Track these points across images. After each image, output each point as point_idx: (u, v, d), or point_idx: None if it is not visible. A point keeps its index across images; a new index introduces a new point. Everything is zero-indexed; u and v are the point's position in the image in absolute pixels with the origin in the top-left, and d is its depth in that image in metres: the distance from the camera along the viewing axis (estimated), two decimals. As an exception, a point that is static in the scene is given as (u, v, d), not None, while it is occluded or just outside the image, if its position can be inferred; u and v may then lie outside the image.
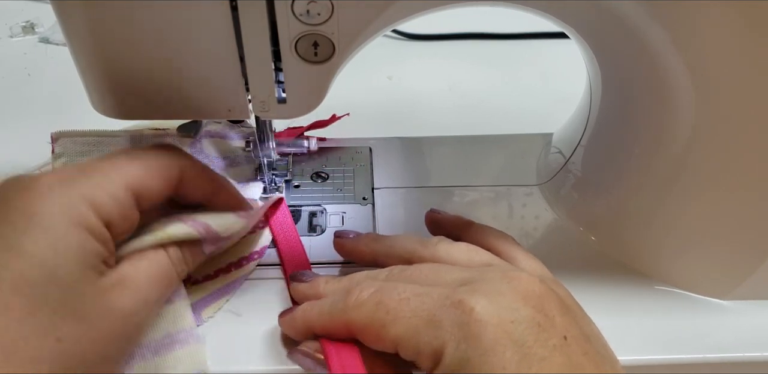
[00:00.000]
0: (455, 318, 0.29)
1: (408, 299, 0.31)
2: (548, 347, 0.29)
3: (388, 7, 0.33)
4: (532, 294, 0.31)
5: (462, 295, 0.30)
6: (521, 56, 0.71)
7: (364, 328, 0.32)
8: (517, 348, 0.28)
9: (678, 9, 0.33)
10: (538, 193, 0.51)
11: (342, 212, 0.48)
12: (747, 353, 0.39)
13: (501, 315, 0.29)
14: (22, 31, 0.71)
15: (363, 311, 0.32)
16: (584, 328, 0.32)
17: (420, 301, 0.31)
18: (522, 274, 0.32)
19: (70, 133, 0.44)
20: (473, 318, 0.29)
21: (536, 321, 0.29)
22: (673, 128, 0.39)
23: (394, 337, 0.30)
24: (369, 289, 0.32)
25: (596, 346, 0.31)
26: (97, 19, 0.32)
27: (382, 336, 0.31)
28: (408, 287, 0.32)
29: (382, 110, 0.62)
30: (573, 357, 0.29)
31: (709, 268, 0.42)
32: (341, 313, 0.33)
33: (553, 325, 0.30)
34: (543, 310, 0.30)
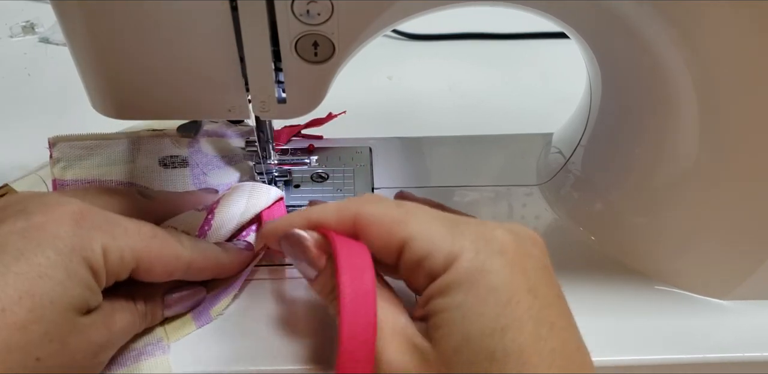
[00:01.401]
0: (479, 232, 0.30)
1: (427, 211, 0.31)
2: (551, 295, 0.30)
3: (388, 7, 0.33)
4: (539, 241, 0.32)
5: (487, 222, 0.31)
6: (521, 56, 0.71)
7: (375, 221, 0.30)
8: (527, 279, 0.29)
9: (678, 9, 0.33)
10: (538, 193, 0.51)
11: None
12: (747, 353, 0.39)
13: (519, 245, 0.30)
14: (22, 31, 0.71)
15: (381, 205, 0.31)
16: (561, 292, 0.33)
17: (441, 215, 0.31)
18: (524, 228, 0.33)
19: (67, 137, 0.44)
20: (497, 236, 0.30)
21: (543, 264, 0.31)
22: (673, 128, 0.39)
23: (406, 234, 0.30)
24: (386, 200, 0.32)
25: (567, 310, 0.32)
26: (97, 19, 0.32)
27: (393, 233, 0.30)
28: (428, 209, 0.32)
29: (382, 110, 0.62)
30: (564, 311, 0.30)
31: (709, 268, 0.42)
32: (353, 205, 0.32)
33: (551, 277, 0.31)
34: (546, 260, 0.31)
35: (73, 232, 0.31)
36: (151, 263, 0.34)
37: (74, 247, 0.31)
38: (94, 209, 0.33)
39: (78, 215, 0.32)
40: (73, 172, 0.44)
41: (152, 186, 0.45)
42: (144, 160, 0.45)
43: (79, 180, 0.44)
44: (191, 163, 0.46)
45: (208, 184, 0.46)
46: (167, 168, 0.45)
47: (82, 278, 0.31)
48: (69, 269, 0.30)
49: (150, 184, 0.45)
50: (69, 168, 0.44)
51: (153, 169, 0.45)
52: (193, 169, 0.46)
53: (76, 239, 0.31)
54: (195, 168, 0.46)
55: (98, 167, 0.44)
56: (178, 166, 0.46)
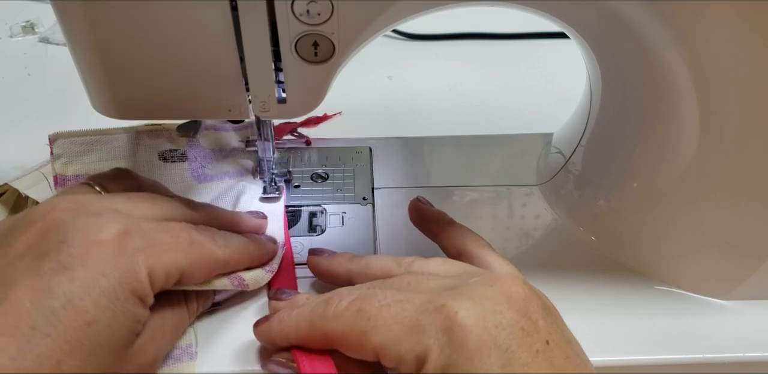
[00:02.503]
0: (439, 323, 0.29)
1: (389, 305, 0.31)
2: (532, 352, 0.29)
3: (388, 7, 0.33)
4: (516, 296, 0.31)
5: (445, 299, 0.30)
6: (521, 56, 0.71)
7: (343, 337, 0.31)
8: (501, 353, 0.28)
9: (679, 9, 0.33)
10: (538, 193, 0.51)
11: (342, 212, 0.48)
12: (747, 353, 0.39)
13: (485, 319, 0.29)
14: (22, 31, 0.71)
15: (342, 319, 0.31)
16: (564, 332, 0.32)
17: (401, 307, 0.30)
18: (505, 277, 0.32)
19: (67, 134, 0.45)
20: (457, 323, 0.29)
21: (520, 326, 0.29)
22: (673, 128, 0.39)
23: (375, 345, 0.30)
24: (349, 297, 0.32)
25: (576, 349, 0.31)
26: (97, 19, 0.32)
27: (363, 344, 0.30)
28: (388, 293, 0.32)
29: (382, 110, 0.62)
30: (555, 361, 0.29)
31: (709, 268, 0.42)
32: (320, 322, 0.32)
33: (536, 329, 0.30)
34: (527, 314, 0.30)
35: (116, 264, 0.31)
36: (192, 272, 0.34)
37: (121, 282, 0.30)
38: (133, 226, 0.33)
39: (118, 242, 0.31)
40: (74, 167, 0.44)
41: None
42: (144, 154, 0.46)
43: (80, 175, 0.44)
44: (190, 157, 0.46)
45: (207, 177, 0.47)
46: (167, 162, 0.46)
47: (131, 312, 0.31)
48: (117, 308, 0.30)
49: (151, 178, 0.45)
50: (70, 164, 0.44)
51: (153, 163, 0.46)
52: (192, 163, 0.46)
53: (122, 273, 0.31)
54: (194, 162, 0.46)
55: (99, 162, 0.45)
56: (178, 160, 0.46)
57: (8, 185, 0.44)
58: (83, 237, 0.31)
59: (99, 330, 0.29)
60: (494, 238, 0.47)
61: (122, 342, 0.31)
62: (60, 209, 0.33)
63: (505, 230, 0.48)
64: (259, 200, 0.46)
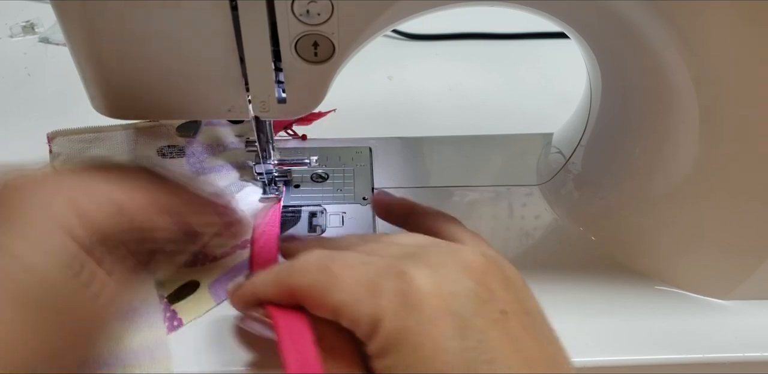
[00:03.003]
0: (396, 287, 0.29)
1: (353, 266, 0.31)
2: (487, 320, 0.29)
3: (389, 7, 0.32)
4: (474, 265, 0.31)
5: (405, 265, 0.30)
6: (521, 56, 0.71)
7: (306, 292, 0.31)
8: (456, 320, 0.28)
9: (678, 9, 0.33)
10: (538, 193, 0.51)
11: (342, 212, 0.48)
12: (747, 353, 0.39)
13: (441, 286, 0.29)
14: (22, 31, 0.71)
15: (307, 274, 0.31)
16: (525, 303, 0.31)
17: (364, 269, 0.31)
18: (465, 247, 0.32)
19: (65, 132, 0.45)
20: (413, 288, 0.29)
21: (476, 293, 0.29)
22: (673, 128, 0.39)
23: (334, 302, 0.30)
24: (317, 254, 0.32)
25: (537, 322, 0.31)
26: (97, 20, 0.32)
27: (324, 301, 0.30)
28: (355, 255, 0.32)
29: (382, 110, 0.62)
30: (511, 331, 0.29)
31: (709, 268, 0.42)
32: (287, 277, 0.32)
33: (493, 298, 0.30)
34: (484, 283, 0.30)
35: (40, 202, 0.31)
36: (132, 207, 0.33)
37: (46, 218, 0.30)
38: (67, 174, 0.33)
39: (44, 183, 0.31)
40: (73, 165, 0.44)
41: None
42: (142, 150, 0.46)
43: None
44: (188, 152, 0.47)
45: (206, 170, 0.47)
46: (165, 158, 0.46)
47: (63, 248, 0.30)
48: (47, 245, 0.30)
49: None
50: (69, 162, 0.45)
51: (152, 159, 0.46)
52: (190, 158, 0.47)
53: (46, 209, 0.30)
54: (192, 157, 0.47)
55: None
56: (176, 156, 0.47)
57: None
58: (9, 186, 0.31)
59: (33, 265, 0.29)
60: (494, 238, 0.47)
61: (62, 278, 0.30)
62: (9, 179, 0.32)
63: (505, 230, 0.48)
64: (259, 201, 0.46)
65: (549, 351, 0.30)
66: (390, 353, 0.28)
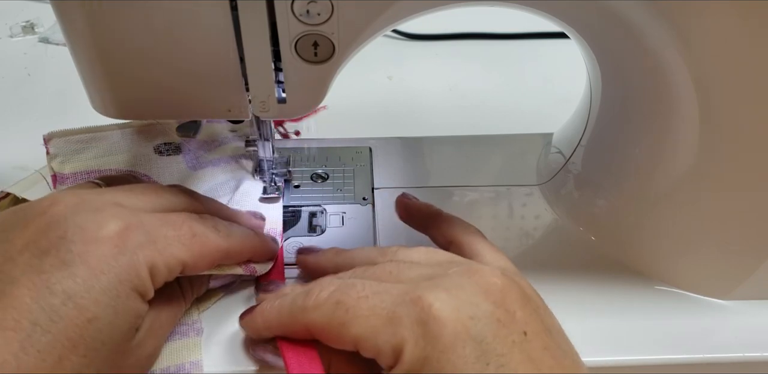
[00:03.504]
0: (414, 315, 0.29)
1: (367, 297, 0.31)
2: (507, 343, 0.29)
3: (389, 7, 0.32)
4: (493, 288, 0.30)
5: (421, 291, 0.30)
6: (521, 56, 0.71)
7: (323, 328, 0.31)
8: (476, 345, 0.28)
9: (678, 9, 0.33)
10: (538, 193, 0.51)
11: (342, 212, 0.48)
12: (747, 353, 0.39)
13: (460, 311, 0.29)
14: (22, 31, 0.71)
15: (322, 311, 0.31)
16: (546, 322, 0.31)
17: (379, 299, 0.30)
18: (484, 268, 0.32)
19: (61, 133, 0.45)
20: (432, 315, 0.29)
21: (496, 317, 0.29)
22: (673, 128, 0.39)
23: (353, 336, 0.30)
24: (329, 288, 0.32)
25: (557, 340, 0.31)
26: (97, 19, 0.32)
27: (342, 336, 0.30)
28: (367, 284, 0.32)
29: (382, 110, 0.62)
30: (532, 352, 0.29)
31: (709, 268, 0.42)
32: (301, 313, 0.32)
33: (513, 320, 0.30)
34: (504, 305, 0.30)
35: (116, 261, 0.31)
36: (195, 264, 0.34)
37: (121, 280, 0.31)
38: (134, 222, 0.32)
39: (118, 239, 0.31)
40: (71, 166, 0.45)
41: (149, 174, 0.46)
42: (139, 149, 0.46)
43: (78, 173, 0.44)
44: (184, 150, 0.47)
45: (202, 164, 0.47)
46: (162, 155, 0.46)
47: (132, 309, 0.31)
48: (117, 306, 0.30)
49: (147, 171, 0.46)
50: (67, 162, 0.45)
51: (149, 157, 0.46)
52: (186, 155, 0.47)
53: (122, 270, 0.31)
54: (188, 154, 0.47)
55: (95, 158, 0.45)
56: (173, 153, 0.47)
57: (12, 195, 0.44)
58: (83, 234, 0.31)
59: (100, 326, 0.30)
60: (494, 238, 0.46)
61: (123, 337, 0.31)
62: (61, 204, 0.32)
63: (505, 230, 0.48)
64: (259, 201, 0.46)
65: (569, 367, 0.30)
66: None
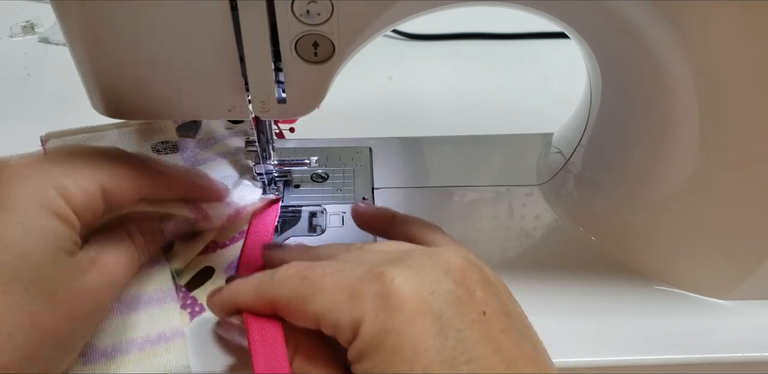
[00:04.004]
0: (376, 290, 0.29)
1: (332, 274, 0.31)
2: (467, 320, 0.29)
3: (389, 7, 0.33)
4: (453, 267, 0.31)
5: (384, 268, 0.30)
6: (521, 56, 0.71)
7: (287, 303, 0.31)
8: (436, 320, 0.28)
9: (678, 9, 0.33)
10: (538, 193, 0.51)
11: (342, 212, 0.48)
12: (747, 353, 0.39)
13: (421, 287, 0.29)
14: (22, 31, 0.71)
15: (287, 285, 0.32)
16: (507, 306, 0.31)
17: (343, 276, 0.31)
18: (445, 250, 0.32)
19: (58, 133, 0.46)
20: (393, 289, 0.29)
21: (456, 295, 0.29)
22: (673, 128, 0.39)
23: (315, 311, 0.30)
24: (296, 267, 0.32)
25: (517, 324, 0.31)
26: (97, 19, 0.32)
27: (304, 310, 0.31)
28: (334, 264, 0.32)
29: (382, 110, 0.62)
30: (491, 332, 0.29)
31: (709, 268, 0.42)
32: (267, 288, 0.32)
33: (472, 300, 0.30)
34: (464, 284, 0.30)
35: (22, 185, 0.31)
36: (115, 186, 0.34)
37: (28, 199, 0.31)
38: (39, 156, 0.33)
39: (23, 167, 0.32)
40: None
41: None
42: (137, 148, 0.47)
43: None
44: (181, 148, 0.47)
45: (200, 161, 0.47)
46: (160, 154, 0.46)
47: (48, 228, 0.31)
48: (29, 224, 0.30)
49: None
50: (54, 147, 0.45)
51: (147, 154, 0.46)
52: (183, 153, 0.47)
53: (28, 191, 0.31)
54: (185, 152, 0.47)
55: None
56: (170, 151, 0.47)
57: None
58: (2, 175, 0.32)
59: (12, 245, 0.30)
60: (494, 238, 0.47)
61: (44, 256, 0.31)
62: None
63: (505, 230, 0.48)
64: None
65: (530, 352, 0.30)
66: (370, 355, 0.28)
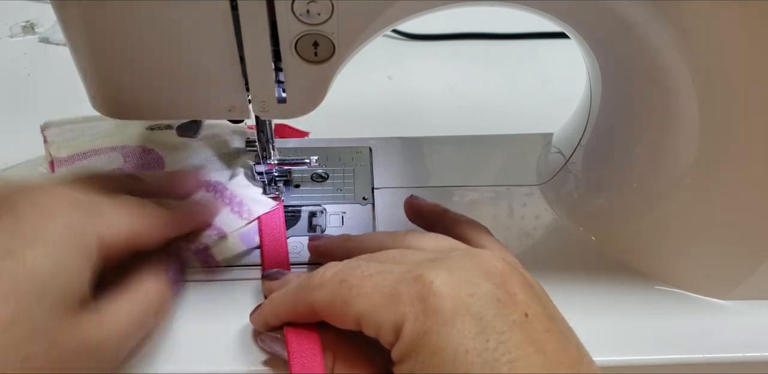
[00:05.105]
0: (415, 292, 0.29)
1: (371, 275, 0.31)
2: (508, 322, 0.29)
3: (389, 7, 0.33)
4: (494, 270, 0.31)
5: (423, 270, 0.30)
6: (521, 56, 0.71)
7: (327, 307, 0.31)
8: (476, 321, 0.28)
9: (678, 9, 0.33)
10: (538, 193, 0.51)
11: (342, 212, 0.48)
12: (747, 353, 0.39)
13: (460, 289, 0.29)
14: (22, 31, 0.71)
15: (326, 289, 0.32)
16: (548, 308, 0.31)
17: (382, 278, 0.31)
18: (485, 252, 0.32)
19: (58, 122, 0.47)
20: (432, 291, 0.29)
21: (496, 297, 0.29)
22: (673, 128, 0.39)
23: (356, 313, 0.30)
24: (333, 269, 0.32)
25: (560, 326, 0.31)
26: (97, 19, 0.32)
27: (345, 313, 0.31)
28: (371, 265, 0.32)
29: (382, 110, 0.62)
30: (533, 333, 0.29)
31: (709, 268, 0.42)
32: (305, 293, 0.32)
33: (514, 302, 0.30)
34: (504, 286, 0.30)
35: (63, 224, 0.31)
36: (143, 231, 0.35)
37: (65, 237, 0.31)
38: (80, 195, 0.33)
39: (68, 207, 0.32)
40: (68, 150, 0.46)
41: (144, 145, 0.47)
42: (133, 129, 0.48)
43: (75, 155, 0.46)
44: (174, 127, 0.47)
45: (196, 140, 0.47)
46: (154, 130, 0.47)
47: (76, 268, 0.31)
48: (57, 262, 0.30)
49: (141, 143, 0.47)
50: (63, 148, 0.46)
51: (143, 134, 0.47)
52: None
53: (69, 231, 0.31)
54: None
55: (92, 141, 0.47)
56: (165, 128, 0.48)
57: None
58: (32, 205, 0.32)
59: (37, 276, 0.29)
60: (494, 238, 0.47)
61: (62, 298, 0.30)
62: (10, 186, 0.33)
63: (505, 230, 0.48)
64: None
65: (573, 354, 0.30)
66: (412, 357, 0.29)
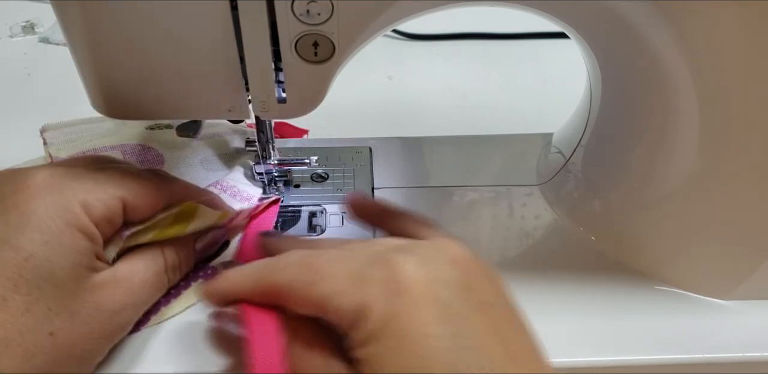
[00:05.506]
0: (384, 274, 0.29)
1: (337, 260, 0.31)
2: (472, 307, 0.29)
3: (389, 7, 0.33)
4: (459, 259, 0.31)
5: (391, 255, 0.30)
6: (521, 56, 0.71)
7: (289, 287, 0.31)
8: (441, 305, 0.28)
9: (678, 9, 0.33)
10: (538, 193, 0.51)
11: (342, 212, 0.48)
12: (747, 353, 0.39)
13: (428, 273, 0.29)
14: (22, 31, 0.71)
15: (290, 271, 0.31)
16: (508, 298, 0.32)
17: (348, 262, 0.31)
18: (450, 242, 0.33)
19: (56, 125, 0.47)
20: (402, 274, 0.29)
21: (461, 282, 0.30)
22: (673, 128, 0.39)
23: (319, 296, 0.30)
24: (297, 253, 0.32)
25: (518, 317, 0.31)
26: (97, 19, 0.32)
27: (307, 295, 0.30)
28: (338, 252, 0.32)
29: (382, 110, 0.62)
30: (495, 321, 0.29)
31: (709, 268, 0.42)
32: (267, 275, 0.32)
33: (478, 289, 0.30)
34: (469, 274, 0.30)
35: (45, 202, 0.31)
36: (136, 201, 0.34)
37: (51, 216, 0.31)
38: (60, 170, 0.33)
39: (46, 183, 0.32)
40: (67, 150, 0.46)
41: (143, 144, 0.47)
42: (132, 129, 0.48)
43: (74, 155, 0.46)
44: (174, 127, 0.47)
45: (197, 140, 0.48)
46: (154, 130, 0.47)
47: (70, 244, 0.31)
48: (51, 241, 0.31)
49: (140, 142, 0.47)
50: (63, 149, 0.46)
51: (142, 133, 0.47)
52: None
53: (52, 207, 0.31)
54: None
55: (91, 140, 0.47)
56: (164, 128, 0.48)
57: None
58: (14, 187, 0.32)
59: (38, 263, 0.30)
60: (494, 238, 0.47)
61: (68, 274, 0.31)
62: None
63: (505, 230, 0.48)
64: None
65: (530, 344, 0.30)
66: (376, 340, 0.28)
